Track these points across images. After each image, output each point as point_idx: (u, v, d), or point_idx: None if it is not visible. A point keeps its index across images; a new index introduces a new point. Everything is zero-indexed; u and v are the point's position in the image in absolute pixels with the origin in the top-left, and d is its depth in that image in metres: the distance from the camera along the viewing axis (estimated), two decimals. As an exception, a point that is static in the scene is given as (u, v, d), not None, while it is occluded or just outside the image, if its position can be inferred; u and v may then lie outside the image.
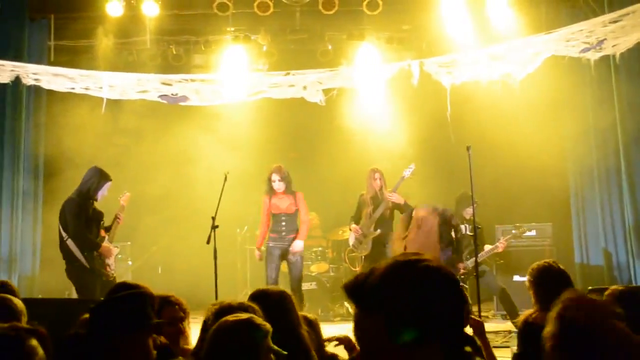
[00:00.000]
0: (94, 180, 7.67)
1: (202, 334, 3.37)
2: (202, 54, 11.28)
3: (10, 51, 9.54)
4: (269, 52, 11.08)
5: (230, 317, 2.96)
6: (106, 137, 9.91)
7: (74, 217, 7.53)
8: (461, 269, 8.90)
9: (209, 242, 7.44)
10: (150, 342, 3.06)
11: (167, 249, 11.29)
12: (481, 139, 9.17)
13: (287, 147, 12.04)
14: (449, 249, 8.24)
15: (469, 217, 9.03)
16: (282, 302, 3.74)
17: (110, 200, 8.04)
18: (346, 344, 4.34)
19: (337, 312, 10.34)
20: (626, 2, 7.96)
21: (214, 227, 7.47)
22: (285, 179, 8.83)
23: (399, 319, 1.68)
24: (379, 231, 9.06)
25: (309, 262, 10.88)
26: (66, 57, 10.60)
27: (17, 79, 8.36)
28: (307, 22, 10.73)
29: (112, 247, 7.79)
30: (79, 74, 8.66)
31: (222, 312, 3.23)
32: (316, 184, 11.49)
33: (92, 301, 6.48)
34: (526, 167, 10.28)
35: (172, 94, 8.96)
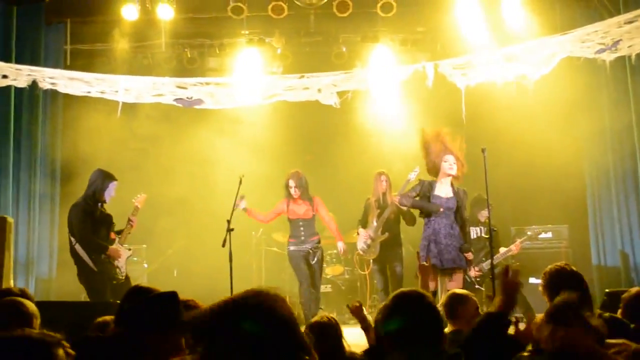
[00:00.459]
0: (98, 182, 7.69)
1: None
2: (217, 57, 11.34)
3: (27, 55, 9.63)
4: (283, 54, 11.10)
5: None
6: (122, 140, 9.97)
7: (79, 222, 7.57)
8: (475, 272, 8.88)
9: (224, 245, 7.46)
10: (182, 341, 3.09)
11: (182, 251, 11.33)
12: (496, 140, 9.14)
13: (303, 150, 12.05)
14: None
15: (484, 220, 8.99)
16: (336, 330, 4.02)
17: (126, 202, 8.08)
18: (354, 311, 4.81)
19: (352, 315, 10.30)
20: (642, 2, 7.92)
21: (230, 230, 7.48)
22: (300, 186, 8.81)
23: None
24: (386, 234, 9.06)
25: (324, 265, 10.88)
26: (82, 61, 10.68)
27: (34, 83, 8.42)
28: (321, 24, 10.75)
29: (122, 249, 7.78)
30: (95, 78, 8.71)
31: None
32: (332, 186, 11.49)
33: (106, 304, 6.54)
34: (541, 169, 10.23)
35: (187, 98, 8.99)
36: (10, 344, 2.16)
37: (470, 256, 7.79)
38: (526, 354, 2.99)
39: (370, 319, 4.79)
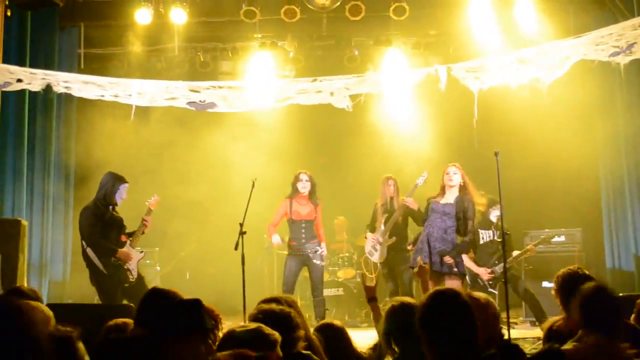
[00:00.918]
0: (109, 184, 7.71)
1: None
2: (230, 61, 11.38)
3: (41, 59, 9.71)
4: (295, 58, 11.13)
5: (237, 328, 3.08)
6: (136, 144, 10.00)
7: (89, 225, 7.61)
8: (488, 275, 8.84)
9: (236, 248, 7.45)
10: (203, 348, 3.12)
11: (195, 254, 11.35)
12: (509, 143, 9.11)
13: (316, 153, 12.07)
14: None
15: (495, 221, 8.96)
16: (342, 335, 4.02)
17: (140, 205, 8.10)
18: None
19: (363, 318, 10.30)
20: (656, 4, 7.88)
21: (242, 233, 7.48)
22: (312, 183, 8.86)
23: None
24: (393, 239, 9.06)
25: (336, 268, 10.88)
26: (96, 64, 10.76)
27: (48, 87, 8.46)
28: (333, 28, 10.76)
29: (132, 252, 7.78)
30: (109, 82, 8.74)
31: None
32: (345, 188, 11.51)
33: (119, 307, 6.57)
34: (555, 172, 10.20)
35: (200, 101, 9.00)
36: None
37: (448, 260, 7.72)
38: None
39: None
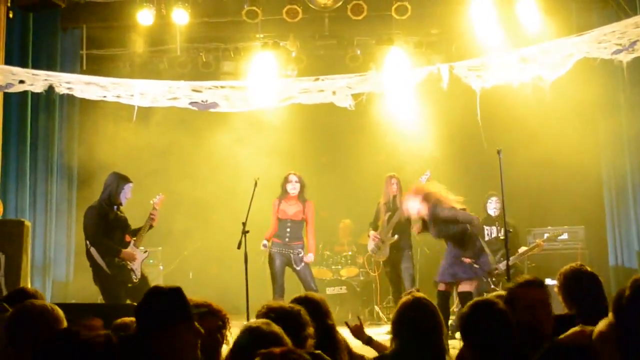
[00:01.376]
0: (113, 184, 7.72)
1: None
2: (232, 61, 11.38)
3: (43, 61, 9.73)
4: (298, 58, 11.13)
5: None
6: (138, 144, 10.00)
7: (92, 225, 7.61)
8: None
9: (239, 247, 7.46)
10: (190, 337, 3.11)
11: (198, 254, 11.35)
12: (511, 141, 9.11)
13: (318, 152, 12.08)
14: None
15: (494, 215, 9.01)
16: (321, 306, 3.99)
17: (144, 205, 8.10)
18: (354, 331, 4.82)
19: (366, 317, 10.31)
20: (659, 2, 7.87)
21: (245, 232, 7.49)
22: (301, 184, 8.86)
23: None
24: (396, 237, 9.06)
25: (339, 267, 10.88)
26: (98, 65, 10.76)
27: (51, 88, 8.47)
28: (335, 27, 10.76)
29: (136, 252, 7.78)
30: (111, 82, 8.74)
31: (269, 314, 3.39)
32: (347, 187, 11.50)
33: (123, 306, 6.57)
34: (557, 170, 10.18)
35: (203, 101, 9.00)
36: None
37: (467, 260, 7.78)
38: None
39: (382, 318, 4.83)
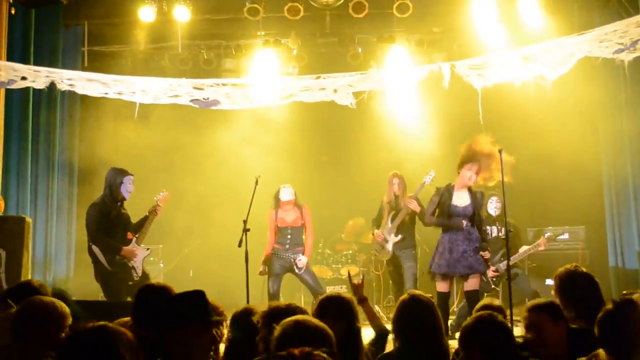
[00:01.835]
0: (113, 179, 7.69)
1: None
2: (233, 59, 11.37)
3: (45, 57, 9.72)
4: (299, 55, 11.12)
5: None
6: (140, 141, 9.99)
7: (93, 222, 7.60)
8: (492, 272, 8.84)
9: (240, 245, 7.46)
10: (206, 339, 3.12)
11: (198, 252, 11.35)
12: (512, 141, 9.10)
13: (319, 150, 12.08)
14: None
15: (494, 214, 9.01)
16: (352, 307, 4.12)
17: (146, 201, 8.10)
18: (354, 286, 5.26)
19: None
20: (661, 1, 7.86)
21: (246, 230, 7.48)
22: (294, 190, 8.90)
23: None
24: (399, 237, 9.05)
25: (339, 265, 10.87)
26: (100, 62, 10.75)
27: (52, 85, 8.46)
28: (337, 25, 10.75)
29: (138, 249, 7.78)
30: (112, 79, 8.74)
31: (273, 314, 3.38)
32: (348, 185, 11.49)
33: (124, 304, 6.57)
34: (558, 170, 10.17)
35: (204, 98, 9.00)
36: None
37: (487, 255, 7.77)
38: None
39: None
